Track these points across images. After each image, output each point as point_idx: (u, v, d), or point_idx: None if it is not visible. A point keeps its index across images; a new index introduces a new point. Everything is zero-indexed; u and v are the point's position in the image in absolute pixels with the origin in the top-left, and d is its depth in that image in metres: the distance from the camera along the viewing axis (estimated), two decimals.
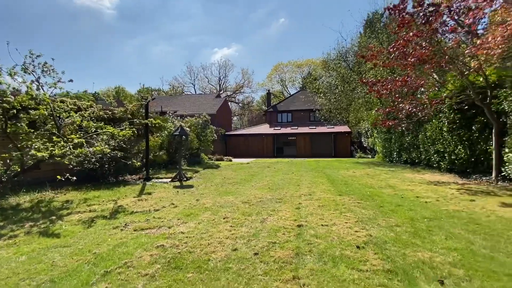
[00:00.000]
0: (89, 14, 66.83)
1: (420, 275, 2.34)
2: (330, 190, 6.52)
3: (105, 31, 72.09)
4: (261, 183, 7.93)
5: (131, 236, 3.54)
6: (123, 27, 73.31)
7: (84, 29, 69.94)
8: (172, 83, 55.24)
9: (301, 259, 2.72)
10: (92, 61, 76.28)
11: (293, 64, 49.63)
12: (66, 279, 2.42)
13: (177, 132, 8.85)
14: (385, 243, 3.07)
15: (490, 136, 7.55)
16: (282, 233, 3.49)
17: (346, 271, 2.44)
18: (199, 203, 5.44)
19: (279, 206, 5.02)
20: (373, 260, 2.64)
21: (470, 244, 3.04)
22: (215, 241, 3.26)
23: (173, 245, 3.16)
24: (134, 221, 4.25)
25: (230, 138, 27.20)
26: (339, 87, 19.50)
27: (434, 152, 10.00)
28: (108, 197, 6.11)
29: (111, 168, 8.54)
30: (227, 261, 2.71)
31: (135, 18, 74.40)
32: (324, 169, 11.77)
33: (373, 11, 22.13)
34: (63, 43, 71.31)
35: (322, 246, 3.03)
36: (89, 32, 71.20)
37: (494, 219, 3.97)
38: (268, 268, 2.53)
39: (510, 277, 2.28)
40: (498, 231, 3.46)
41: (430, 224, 3.78)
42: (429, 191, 6.17)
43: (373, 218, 4.07)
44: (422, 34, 7.41)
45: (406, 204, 4.95)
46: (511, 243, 3.03)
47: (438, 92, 9.26)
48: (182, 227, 3.86)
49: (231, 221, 4.07)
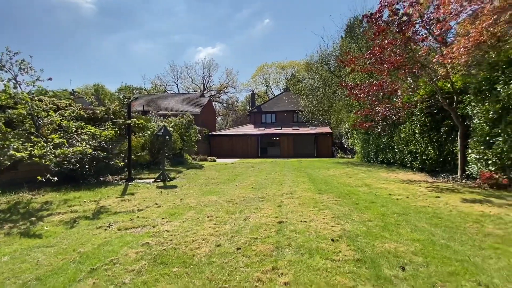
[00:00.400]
0: (66, 7, 63.88)
1: (385, 263, 2.62)
2: (310, 189, 6.82)
3: (83, 26, 69.18)
4: (244, 183, 8.10)
5: (116, 235, 3.60)
6: (103, 22, 70.65)
7: (60, 22, 66.74)
8: (155, 81, 54.06)
9: (280, 252, 2.93)
10: (68, 56, 72.93)
11: (277, 66, 50.25)
12: (52, 277, 2.48)
13: (160, 132, 8.83)
14: (357, 236, 3.35)
15: (456, 138, 8.19)
16: (263, 229, 3.69)
17: (321, 261, 2.67)
18: (183, 202, 5.53)
19: (262, 204, 5.23)
20: (345, 251, 2.91)
21: (431, 235, 3.39)
22: (200, 238, 3.40)
23: (158, 243, 3.27)
24: (118, 221, 4.28)
25: (214, 138, 27.16)
26: (320, 90, 20.09)
27: (407, 152, 10.64)
28: (90, 198, 6.04)
29: (91, 168, 8.38)
30: (211, 256, 2.87)
31: (115, 14, 72.02)
32: (306, 169, 12.15)
33: (353, 16, 22.98)
34: (36, 36, 67.63)
35: (300, 240, 3.26)
36: (66, 26, 68.02)
37: (455, 213, 4.40)
38: (249, 261, 2.72)
39: (460, 262, 2.61)
40: (456, 223, 3.86)
41: (398, 219, 4.13)
42: (401, 189, 6.63)
43: (348, 214, 4.38)
44: (396, 42, 7.92)
45: (379, 201, 5.32)
46: (465, 234, 3.42)
47: (411, 97, 9.89)
48: (167, 226, 3.96)
49: (215, 220, 4.22)
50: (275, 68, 50.68)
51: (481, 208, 4.63)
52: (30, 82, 5.87)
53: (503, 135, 6.15)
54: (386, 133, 12.31)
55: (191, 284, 2.30)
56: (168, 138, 9.06)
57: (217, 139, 27.23)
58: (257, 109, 32.48)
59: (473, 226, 3.73)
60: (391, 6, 7.76)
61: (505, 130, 6.10)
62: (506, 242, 3.14)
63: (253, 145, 26.67)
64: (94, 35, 71.97)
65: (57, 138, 5.15)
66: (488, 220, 3.97)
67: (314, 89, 21.37)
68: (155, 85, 53.57)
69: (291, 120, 30.34)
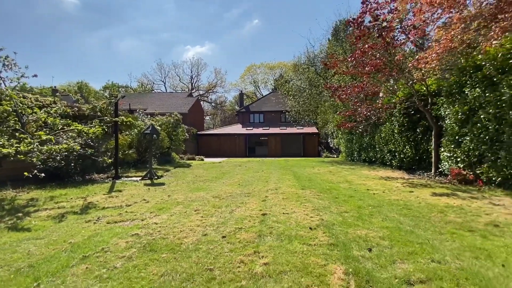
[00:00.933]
0: (47, 1, 61.66)
1: (355, 246, 2.92)
2: (294, 185, 7.13)
3: (66, 21, 67.02)
4: (231, 180, 8.32)
5: (105, 228, 3.73)
6: (87, 17, 68.83)
7: (41, 17, 64.30)
8: (141, 80, 53.25)
9: (262, 239, 3.18)
10: (49, 52, 70.40)
11: (266, 66, 50.70)
12: (45, 264, 2.61)
13: (148, 130, 8.89)
14: (333, 225, 3.66)
15: (430, 137, 8.74)
16: (248, 221, 3.93)
17: (298, 246, 2.94)
18: (171, 198, 5.68)
19: (247, 199, 5.47)
20: (321, 237, 3.19)
21: (399, 224, 3.74)
22: (187, 228, 3.60)
23: (147, 233, 3.44)
24: (107, 215, 4.40)
25: (202, 138, 27.15)
26: (307, 90, 20.58)
27: (387, 151, 11.19)
28: (76, 195, 6.08)
29: (77, 166, 8.34)
30: (197, 243, 3.08)
31: (100, 9, 70.28)
32: (292, 167, 12.50)
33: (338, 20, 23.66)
34: (15, 31, 64.89)
35: (281, 229, 3.52)
36: (47, 21, 65.62)
37: (423, 205, 4.81)
38: (233, 247, 2.95)
39: (420, 244, 2.95)
40: (423, 214, 4.25)
41: (372, 210, 4.48)
42: (378, 185, 7.05)
43: (327, 207, 4.69)
44: (376, 46, 8.38)
45: (357, 196, 5.68)
46: (429, 222, 3.79)
47: (390, 98, 10.43)
48: (155, 219, 4.12)
49: (202, 213, 4.42)
50: (264, 68, 51.14)
51: (447, 201, 5.07)
52: (14, 78, 5.84)
53: (470, 135, 6.68)
54: (368, 133, 12.87)
55: (179, 267, 2.51)
56: (156, 137, 9.13)
57: (205, 138, 27.24)
58: (245, 109, 32.71)
59: (437, 215, 4.12)
60: (372, 12, 8.21)
61: (471, 130, 6.63)
62: (463, 228, 3.53)
63: (241, 145, 26.88)
64: (77, 31, 69.99)
65: (44, 135, 5.18)
66: (451, 210, 4.39)
67: (300, 89, 21.85)
68: (141, 83, 52.76)
69: (279, 120, 30.78)
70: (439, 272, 2.32)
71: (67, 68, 72.24)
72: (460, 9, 7.13)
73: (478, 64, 6.61)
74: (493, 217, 3.97)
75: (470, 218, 3.95)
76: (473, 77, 6.68)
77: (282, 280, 2.23)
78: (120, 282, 2.25)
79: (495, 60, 6.06)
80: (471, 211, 4.31)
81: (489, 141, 6.15)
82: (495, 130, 5.96)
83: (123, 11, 71.39)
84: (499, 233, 3.30)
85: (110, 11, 70.70)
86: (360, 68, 9.01)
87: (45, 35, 68.43)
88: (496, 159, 5.98)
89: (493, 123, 5.99)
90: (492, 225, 3.61)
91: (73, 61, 73.23)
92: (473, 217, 4.00)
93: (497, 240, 3.08)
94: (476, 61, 6.71)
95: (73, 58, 73.13)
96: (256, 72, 52.10)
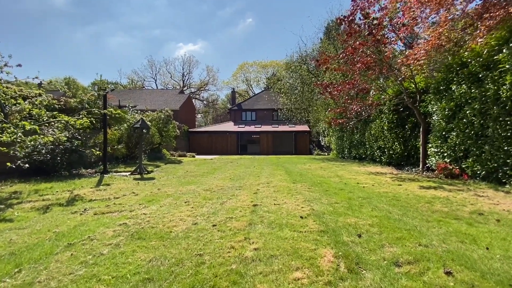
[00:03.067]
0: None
1: (345, 232, 2.95)
2: (286, 180, 7.15)
3: (54, 16, 65.06)
4: (223, 175, 8.27)
5: (92, 219, 3.64)
6: (76, 12, 66.87)
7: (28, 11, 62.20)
8: (131, 76, 52.29)
9: (253, 227, 3.16)
10: (37, 47, 68.21)
11: (258, 64, 50.66)
12: (27, 252, 2.52)
13: (137, 124, 8.73)
14: (324, 214, 3.68)
15: (418, 134, 8.93)
16: (239, 211, 3.91)
17: (289, 232, 2.95)
18: (160, 191, 5.60)
19: (239, 192, 5.44)
20: (311, 225, 3.20)
21: (388, 213, 3.80)
22: (177, 218, 3.55)
23: (135, 223, 3.37)
24: (94, 207, 4.29)
25: (194, 135, 26.91)
26: (299, 88, 20.68)
27: (377, 148, 11.37)
28: (63, 188, 5.91)
29: (64, 160, 8.11)
30: (187, 232, 3.04)
31: (89, 4, 68.44)
32: (284, 164, 12.54)
33: (330, 19, 23.89)
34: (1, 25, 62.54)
35: (272, 218, 3.52)
36: (35, 15, 63.54)
37: (411, 196, 4.90)
38: (224, 235, 2.92)
39: (408, 231, 3.00)
40: (411, 204, 4.33)
41: (362, 201, 4.53)
42: (368, 179, 7.15)
43: (318, 198, 4.72)
44: (367, 44, 8.48)
45: (347, 189, 5.75)
46: (417, 211, 3.87)
47: (380, 95, 10.59)
48: (144, 210, 4.05)
49: (192, 204, 4.37)
50: (256, 67, 51.08)
51: (434, 193, 5.18)
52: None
53: (456, 130, 6.86)
54: (358, 130, 13.05)
55: (167, 253, 2.46)
56: (146, 131, 8.98)
57: (197, 136, 27.01)
58: (238, 107, 32.60)
59: (425, 205, 4.21)
60: (363, 10, 8.30)
61: (457, 125, 6.80)
62: (449, 216, 3.61)
63: (233, 142, 26.79)
64: (66, 26, 68.02)
65: (29, 125, 5.00)
66: (437, 201, 4.49)
67: (292, 87, 21.94)
68: (132, 80, 51.82)
69: (271, 118, 30.83)
70: (426, 254, 2.36)
71: (55, 64, 70.27)
72: (448, 7, 7.30)
73: (464, 62, 6.79)
74: (477, 206, 4.09)
75: (456, 207, 4.05)
76: (459, 74, 6.85)
77: (273, 263, 2.22)
78: (107, 267, 2.20)
79: (480, 57, 6.23)
80: (456, 202, 4.42)
81: (474, 136, 6.33)
82: (480, 125, 6.14)
83: (113, 6, 69.92)
84: (484, 221, 3.39)
85: (100, 6, 69.10)
86: (351, 65, 9.12)
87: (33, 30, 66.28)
88: (481, 153, 6.16)
89: (478, 118, 6.17)
90: (477, 213, 3.71)
91: (61, 57, 71.27)
92: (459, 206, 4.10)
93: (482, 227, 3.17)
94: (462, 58, 6.89)
95: (61, 54, 71.09)
96: (249, 70, 52.03)
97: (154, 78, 52.91)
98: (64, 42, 69.75)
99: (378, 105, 9.93)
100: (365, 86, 9.49)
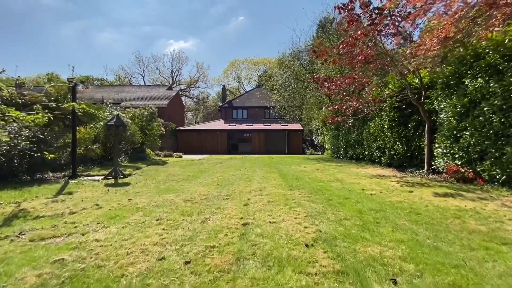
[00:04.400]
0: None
1: (372, 274, 2.09)
2: (281, 185, 6.28)
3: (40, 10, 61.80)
4: (209, 179, 7.33)
5: (21, 250, 2.65)
6: (62, 7, 63.56)
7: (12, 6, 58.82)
8: (118, 72, 50.20)
9: (241, 265, 2.26)
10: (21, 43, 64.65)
11: (250, 62, 49.58)
12: None
13: (112, 121, 7.66)
14: (335, 239, 2.82)
15: (423, 133, 8.23)
16: (224, 234, 3.00)
17: (293, 276, 2.06)
18: (131, 203, 4.62)
19: (226, 203, 4.53)
20: (322, 260, 2.33)
21: (415, 235, 2.97)
22: (138, 249, 2.61)
23: (77, 258, 2.41)
24: (36, 228, 3.29)
25: (182, 134, 25.72)
26: (292, 84, 19.87)
27: (376, 148, 10.66)
28: (11, 199, 4.85)
29: (23, 163, 6.99)
30: (147, 275, 2.11)
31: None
32: (277, 165, 11.69)
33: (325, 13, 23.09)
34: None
35: (268, 246, 2.63)
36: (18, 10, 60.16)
37: (431, 208, 4.12)
38: (199, 281, 2.01)
39: (457, 269, 2.18)
40: (437, 220, 3.53)
41: (377, 216, 3.71)
42: (373, 184, 6.37)
43: (322, 212, 3.86)
44: (368, 34, 7.69)
45: (353, 197, 4.92)
46: (450, 232, 3.06)
47: (380, 91, 9.86)
48: (100, 233, 3.08)
49: (165, 223, 3.43)
50: (248, 64, 49.98)
51: (456, 203, 4.42)
52: None
53: (470, 129, 6.15)
54: (355, 129, 12.32)
55: None
56: (122, 129, 7.91)
57: (185, 134, 25.83)
58: (228, 104, 31.54)
59: (455, 222, 3.42)
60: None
61: (472, 123, 6.09)
62: (493, 239, 2.82)
63: (224, 141, 25.77)
64: (52, 21, 64.73)
65: None
66: (466, 215, 3.71)
67: (285, 83, 21.11)
68: (118, 76, 49.80)
69: (263, 116, 29.92)
70: None
71: (39, 60, 66.56)
72: None
73: (479, 53, 6.08)
74: None
75: (494, 225, 3.27)
76: (474, 67, 6.13)
77: None
78: None
79: (501, 46, 5.51)
80: (489, 216, 3.65)
81: (493, 136, 5.62)
82: (501, 123, 5.42)
83: (103, 2, 67.02)
84: None
85: (89, 1, 66.05)
86: (351, 58, 8.31)
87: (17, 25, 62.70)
88: (501, 155, 5.45)
89: (498, 115, 5.45)
90: None
91: (46, 52, 67.72)
92: (497, 224, 3.33)
93: None
94: (477, 49, 6.17)
95: (47, 50, 67.56)
96: (240, 67, 50.85)
97: (142, 74, 51.05)
98: (51, 38, 66.42)
99: (380, 101, 9.18)
100: (366, 80, 8.72)
